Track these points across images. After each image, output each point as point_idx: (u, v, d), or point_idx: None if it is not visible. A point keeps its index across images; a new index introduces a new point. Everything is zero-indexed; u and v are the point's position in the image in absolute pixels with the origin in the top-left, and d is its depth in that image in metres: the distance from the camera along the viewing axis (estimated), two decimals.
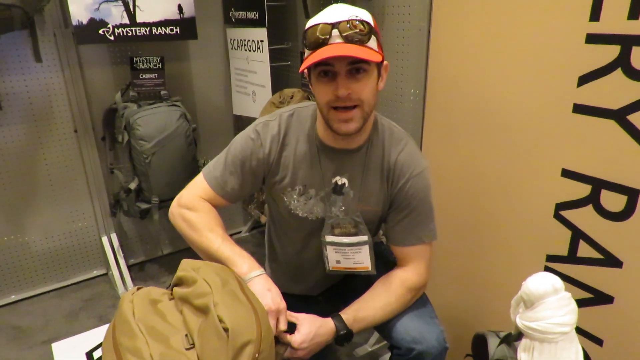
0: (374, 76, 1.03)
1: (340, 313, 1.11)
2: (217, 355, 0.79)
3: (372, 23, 1.01)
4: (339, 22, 0.97)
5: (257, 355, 0.80)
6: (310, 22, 1.01)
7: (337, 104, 1.01)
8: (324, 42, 0.98)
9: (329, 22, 0.98)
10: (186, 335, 0.86)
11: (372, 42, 1.00)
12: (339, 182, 1.16)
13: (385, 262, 1.27)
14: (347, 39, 0.97)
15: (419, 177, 1.15)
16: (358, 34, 0.97)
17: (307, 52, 1.03)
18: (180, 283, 0.97)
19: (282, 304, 1.00)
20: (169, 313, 0.92)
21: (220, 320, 0.81)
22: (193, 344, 0.84)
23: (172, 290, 0.98)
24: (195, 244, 1.11)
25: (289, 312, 1.05)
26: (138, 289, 0.99)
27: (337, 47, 0.97)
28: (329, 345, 1.10)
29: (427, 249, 1.19)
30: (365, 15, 1.01)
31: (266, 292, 0.99)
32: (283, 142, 1.15)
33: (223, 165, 1.17)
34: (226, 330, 0.80)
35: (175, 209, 1.17)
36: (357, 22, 0.97)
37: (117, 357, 0.83)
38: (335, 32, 0.97)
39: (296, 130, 1.16)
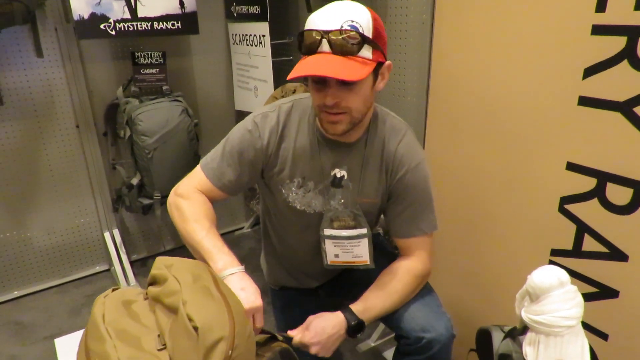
0: (366, 83, 1.01)
1: (349, 305, 1.11)
2: (188, 354, 0.77)
3: (369, 26, 0.96)
4: (330, 31, 0.94)
5: (230, 352, 0.76)
6: (307, 24, 0.99)
7: (326, 110, 1.01)
8: (313, 49, 0.96)
9: (320, 29, 0.95)
10: (159, 335, 0.83)
11: (365, 51, 0.97)
12: (338, 175, 1.15)
13: (384, 253, 1.26)
14: (336, 50, 0.95)
15: (417, 169, 1.15)
16: (349, 44, 0.94)
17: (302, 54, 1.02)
18: (154, 282, 0.94)
19: (257, 302, 0.95)
20: (142, 314, 0.89)
21: (190, 319, 0.78)
22: (165, 344, 0.81)
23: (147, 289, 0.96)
24: (182, 233, 1.09)
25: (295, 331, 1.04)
26: (113, 290, 0.96)
27: (324, 61, 0.95)
28: None
29: (428, 240, 1.19)
30: (362, 17, 0.96)
31: (239, 291, 0.94)
32: (282, 134, 1.14)
33: (220, 156, 1.16)
34: (196, 328, 0.77)
35: (171, 198, 1.16)
36: (349, 28, 0.94)
37: None
38: (324, 41, 0.95)
39: (296, 121, 1.15)
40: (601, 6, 1.05)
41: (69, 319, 2.09)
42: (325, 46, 0.96)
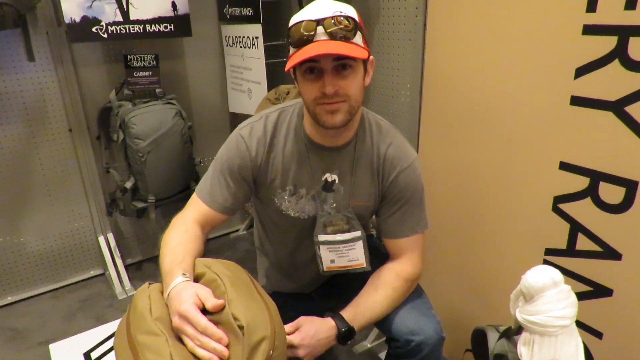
0: (360, 72, 1.02)
1: (339, 312, 1.10)
2: (234, 352, 0.79)
3: (356, 19, 1.00)
4: (324, 19, 0.95)
5: (271, 352, 0.79)
6: (294, 19, 1.00)
7: (324, 101, 1.00)
8: (308, 40, 0.96)
9: (313, 18, 0.96)
10: None
11: (358, 38, 0.99)
12: (329, 179, 1.15)
13: (378, 255, 1.26)
14: (332, 36, 0.95)
15: (410, 169, 1.15)
16: (343, 30, 0.95)
17: (291, 50, 1.01)
18: (197, 280, 0.95)
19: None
20: None
21: (235, 318, 0.80)
22: None
23: None
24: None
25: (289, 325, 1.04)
26: (150, 284, 0.97)
27: (322, 44, 0.95)
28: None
29: (420, 239, 1.19)
30: (349, 10, 1.00)
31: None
32: (270, 144, 1.13)
33: (211, 177, 1.15)
34: (241, 327, 0.79)
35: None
36: (342, 18, 0.96)
37: (133, 354, 0.81)
38: (320, 29, 0.96)
39: (283, 130, 1.14)
40: (592, 6, 1.05)
41: (63, 324, 2.08)
42: (321, 34, 0.96)
